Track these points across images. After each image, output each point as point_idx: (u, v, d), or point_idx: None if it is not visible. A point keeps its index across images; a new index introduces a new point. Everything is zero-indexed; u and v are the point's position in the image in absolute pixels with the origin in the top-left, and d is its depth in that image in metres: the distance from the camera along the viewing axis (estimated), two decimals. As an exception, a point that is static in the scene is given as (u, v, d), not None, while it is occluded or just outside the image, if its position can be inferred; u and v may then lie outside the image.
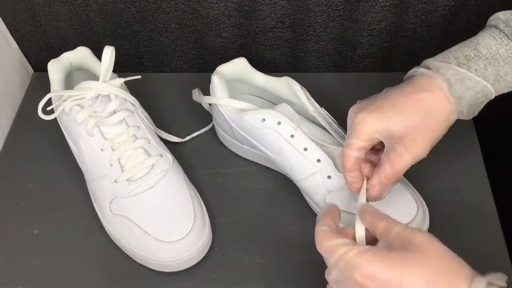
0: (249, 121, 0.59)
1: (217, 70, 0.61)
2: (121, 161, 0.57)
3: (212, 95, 0.62)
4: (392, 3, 0.64)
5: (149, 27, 0.70)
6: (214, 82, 0.61)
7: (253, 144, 0.60)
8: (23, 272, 0.58)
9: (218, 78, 0.60)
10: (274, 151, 0.58)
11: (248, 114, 0.58)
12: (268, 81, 0.62)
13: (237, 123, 0.60)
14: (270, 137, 0.58)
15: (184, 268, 0.56)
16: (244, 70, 0.63)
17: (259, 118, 0.58)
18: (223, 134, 0.65)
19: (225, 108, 0.61)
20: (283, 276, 0.56)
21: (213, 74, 0.61)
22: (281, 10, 0.66)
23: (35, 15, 0.69)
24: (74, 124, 0.58)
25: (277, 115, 0.57)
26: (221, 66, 0.62)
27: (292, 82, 0.60)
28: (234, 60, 0.62)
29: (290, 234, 0.59)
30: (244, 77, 0.63)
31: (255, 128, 0.58)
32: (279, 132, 0.57)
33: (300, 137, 0.57)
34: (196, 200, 0.58)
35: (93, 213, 0.60)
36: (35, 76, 0.77)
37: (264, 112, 0.57)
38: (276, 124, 0.57)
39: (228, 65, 0.62)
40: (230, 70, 0.62)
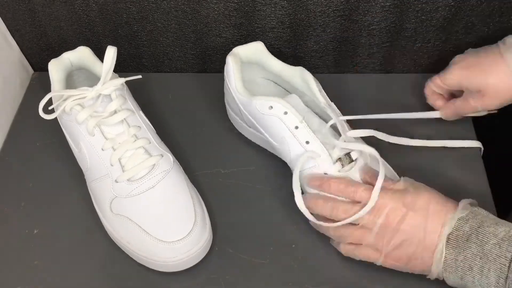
0: (257, 107, 0.59)
1: (233, 51, 0.62)
2: (122, 161, 0.57)
3: (226, 76, 0.62)
4: (392, 3, 0.64)
5: (149, 27, 0.70)
6: (228, 63, 0.61)
7: (258, 129, 0.61)
8: (23, 272, 0.58)
9: (232, 60, 0.61)
10: (277, 139, 0.59)
11: (257, 99, 0.59)
12: (283, 68, 0.63)
13: (245, 106, 0.61)
14: (275, 125, 0.58)
15: (184, 268, 0.56)
16: (260, 54, 0.63)
17: (267, 105, 0.58)
18: (232, 115, 0.66)
19: (236, 90, 0.61)
20: (283, 276, 0.56)
21: (229, 55, 0.61)
22: (281, 10, 0.66)
23: (35, 15, 0.69)
24: (74, 123, 0.58)
25: (285, 105, 0.57)
26: (237, 48, 0.62)
27: (306, 73, 0.61)
28: (251, 43, 0.63)
29: (290, 234, 0.59)
30: (260, 61, 0.64)
31: (262, 114, 0.59)
32: (285, 122, 0.57)
33: (304, 129, 0.57)
34: (197, 200, 0.58)
35: (93, 213, 0.60)
36: (35, 76, 0.77)
37: (273, 100, 0.58)
38: (283, 114, 0.57)
39: (244, 47, 0.62)
40: (247, 52, 0.62)
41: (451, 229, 0.49)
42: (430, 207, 0.51)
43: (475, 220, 0.49)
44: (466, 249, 0.48)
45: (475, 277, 0.47)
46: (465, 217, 0.49)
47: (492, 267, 0.46)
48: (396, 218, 0.51)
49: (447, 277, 0.50)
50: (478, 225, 0.48)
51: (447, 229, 0.49)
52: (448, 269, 0.49)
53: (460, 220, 0.49)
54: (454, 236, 0.49)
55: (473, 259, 0.47)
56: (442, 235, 0.49)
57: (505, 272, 0.45)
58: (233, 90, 0.61)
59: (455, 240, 0.48)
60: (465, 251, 0.48)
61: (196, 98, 0.72)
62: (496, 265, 0.46)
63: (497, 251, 0.46)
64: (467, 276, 0.48)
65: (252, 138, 0.66)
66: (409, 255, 0.51)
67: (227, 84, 0.63)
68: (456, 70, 0.60)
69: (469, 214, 0.49)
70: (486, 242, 0.47)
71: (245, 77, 0.63)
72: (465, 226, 0.49)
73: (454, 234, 0.49)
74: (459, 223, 0.49)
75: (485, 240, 0.47)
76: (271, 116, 0.58)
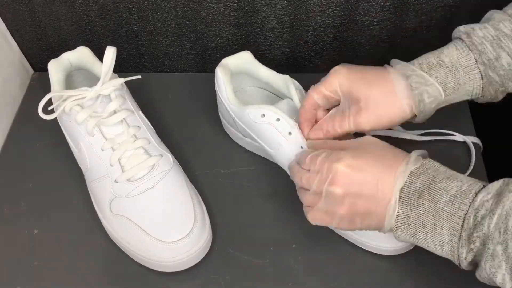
0: (249, 115, 0.59)
1: (221, 63, 0.62)
2: (122, 161, 0.57)
3: (217, 88, 0.62)
4: (392, 3, 0.64)
5: (149, 27, 0.70)
6: (218, 75, 0.61)
7: (253, 137, 0.61)
8: (23, 272, 0.58)
9: (222, 71, 0.61)
10: (272, 146, 0.59)
11: (249, 108, 0.59)
12: (272, 75, 0.63)
13: (238, 116, 0.61)
14: (269, 133, 0.58)
15: (184, 268, 0.56)
16: (248, 63, 0.63)
17: (259, 113, 0.58)
18: (227, 125, 0.66)
19: (228, 100, 0.61)
20: (283, 276, 0.56)
21: (218, 67, 0.61)
22: (281, 10, 0.66)
23: (35, 15, 0.69)
24: (74, 124, 0.58)
25: (276, 112, 0.57)
26: (226, 59, 0.62)
27: (289, 81, 0.60)
28: (239, 54, 0.63)
29: (290, 234, 0.59)
30: (248, 70, 0.64)
31: (255, 122, 0.59)
32: (278, 129, 0.57)
33: (298, 135, 0.57)
34: (196, 200, 0.58)
35: (93, 213, 0.60)
36: (35, 76, 0.77)
37: (264, 108, 0.58)
38: (275, 121, 0.57)
39: (232, 58, 0.62)
40: (235, 63, 0.62)
41: (403, 183, 0.47)
42: (381, 162, 0.49)
43: (426, 175, 0.47)
44: (418, 206, 0.47)
45: (428, 234, 0.46)
46: (416, 171, 0.47)
47: (445, 225, 0.45)
48: (345, 182, 0.49)
49: (398, 235, 0.49)
50: (430, 181, 0.47)
51: (399, 184, 0.47)
52: (400, 227, 0.48)
53: (411, 175, 0.47)
54: (406, 192, 0.47)
55: (425, 216, 0.46)
56: (395, 190, 0.47)
57: (458, 230, 0.45)
58: (225, 100, 0.61)
59: (407, 196, 0.47)
60: (417, 208, 0.47)
61: (196, 98, 0.72)
62: (449, 223, 0.45)
63: (449, 208, 0.45)
64: (419, 233, 0.47)
65: (249, 147, 0.66)
66: (362, 215, 0.49)
67: (219, 96, 0.63)
68: (341, 76, 0.54)
69: (420, 168, 0.48)
70: (438, 199, 0.46)
71: (236, 87, 0.63)
72: (417, 182, 0.47)
73: (406, 190, 0.47)
74: (411, 179, 0.47)
75: (437, 197, 0.46)
76: (264, 124, 0.58)
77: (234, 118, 0.62)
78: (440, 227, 0.46)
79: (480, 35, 0.52)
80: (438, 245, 0.47)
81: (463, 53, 0.52)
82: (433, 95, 0.52)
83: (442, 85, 0.52)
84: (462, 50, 0.52)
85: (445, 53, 0.53)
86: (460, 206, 0.45)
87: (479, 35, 0.52)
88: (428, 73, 0.52)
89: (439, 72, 0.52)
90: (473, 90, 0.53)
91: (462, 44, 0.53)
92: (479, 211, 0.44)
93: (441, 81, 0.52)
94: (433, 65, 0.53)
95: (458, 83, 0.52)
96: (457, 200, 0.45)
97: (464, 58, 0.52)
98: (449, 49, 0.53)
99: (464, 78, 0.52)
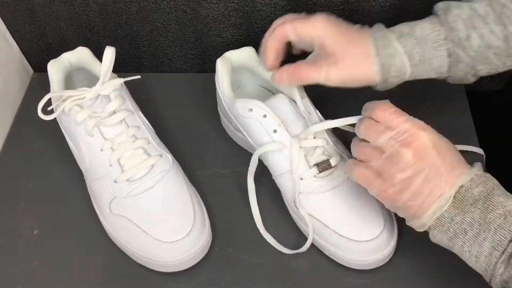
0: (238, 109, 0.59)
1: (224, 55, 0.62)
2: (121, 161, 0.57)
3: (216, 79, 0.62)
4: (392, 3, 0.64)
5: (149, 27, 0.70)
6: (218, 67, 0.61)
7: (242, 131, 0.61)
8: (23, 272, 0.58)
9: (222, 63, 0.61)
10: (257, 142, 0.59)
11: (238, 101, 0.59)
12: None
13: (230, 109, 0.61)
14: (255, 128, 0.58)
15: (184, 268, 0.56)
16: (250, 59, 0.63)
17: (247, 107, 0.58)
18: (223, 120, 0.66)
19: (224, 93, 0.61)
20: (283, 276, 0.56)
21: (219, 59, 0.61)
22: (281, 10, 0.66)
23: (35, 15, 0.69)
24: (74, 124, 0.58)
25: (263, 108, 0.57)
26: (229, 52, 0.62)
27: None
28: (243, 48, 0.63)
29: (290, 234, 0.59)
30: (250, 66, 0.63)
31: (243, 117, 0.59)
32: (263, 125, 0.57)
33: (282, 133, 0.57)
34: (196, 200, 0.58)
35: (93, 213, 0.60)
36: (35, 77, 0.77)
37: (252, 103, 0.58)
38: (262, 117, 0.57)
39: (235, 52, 0.62)
40: (237, 57, 0.62)
41: (463, 183, 0.46)
42: (453, 156, 0.47)
43: (486, 185, 0.46)
44: (467, 212, 0.45)
45: (466, 242, 0.45)
46: (478, 179, 0.46)
47: (489, 237, 0.44)
48: (419, 152, 0.46)
49: (434, 234, 0.47)
50: (488, 192, 0.45)
51: (460, 182, 0.46)
52: (439, 227, 0.47)
53: (472, 181, 0.46)
54: (461, 195, 0.46)
55: (471, 224, 0.45)
56: (455, 186, 0.46)
57: (503, 245, 0.43)
58: (221, 92, 0.61)
59: (461, 200, 0.46)
60: (465, 214, 0.45)
61: (196, 98, 0.72)
62: (495, 236, 0.44)
63: (501, 221, 0.44)
64: (457, 239, 0.46)
65: (240, 142, 0.66)
66: (411, 194, 0.46)
67: (218, 90, 0.63)
68: (324, 21, 0.54)
69: (481, 177, 0.46)
70: (492, 210, 0.44)
71: (237, 83, 0.63)
72: (475, 190, 0.46)
73: (462, 193, 0.46)
74: (470, 184, 0.46)
75: (490, 208, 0.45)
76: (251, 119, 0.58)
77: (228, 111, 0.62)
78: (483, 238, 0.44)
79: (455, 13, 0.52)
80: (474, 255, 0.45)
81: (434, 28, 0.53)
82: (400, 72, 0.53)
83: (408, 54, 0.52)
84: (435, 25, 0.53)
85: (419, 25, 0.53)
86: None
87: (454, 13, 0.52)
88: (398, 40, 0.53)
89: (408, 42, 0.53)
90: (440, 68, 0.53)
91: (436, 20, 0.53)
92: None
93: (407, 51, 0.52)
94: (404, 34, 0.53)
95: (424, 56, 0.53)
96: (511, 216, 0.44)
97: (434, 33, 0.52)
98: (424, 23, 0.54)
99: (431, 53, 0.52)
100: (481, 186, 0.46)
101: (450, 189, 0.46)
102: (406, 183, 0.46)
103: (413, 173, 0.46)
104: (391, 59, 0.53)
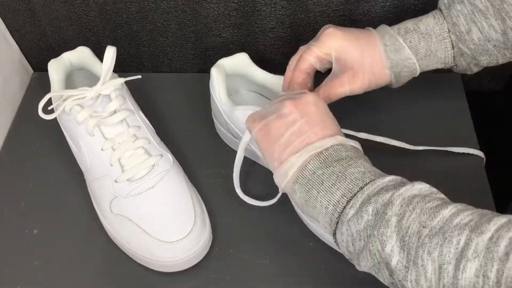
0: (239, 117, 0.59)
1: (218, 63, 0.62)
2: (122, 161, 0.57)
3: (211, 87, 0.62)
4: (392, 3, 0.64)
5: (149, 27, 0.70)
6: (212, 75, 0.61)
7: None
8: (23, 272, 0.58)
9: (217, 71, 0.61)
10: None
11: (238, 109, 0.59)
12: (268, 78, 0.63)
13: (229, 116, 0.61)
14: None
15: (184, 268, 0.56)
16: (244, 65, 0.63)
17: (248, 114, 0.58)
18: (219, 127, 0.66)
19: (220, 101, 0.61)
20: (283, 276, 0.56)
21: (213, 67, 0.61)
22: (281, 10, 0.66)
23: (35, 15, 0.69)
24: (74, 124, 0.58)
25: None
26: (222, 60, 0.62)
27: None
28: (236, 55, 0.63)
29: (290, 234, 0.59)
30: (244, 72, 0.63)
31: (244, 123, 0.58)
32: None
33: None
34: (196, 200, 0.58)
35: (93, 213, 0.60)
36: (35, 76, 0.77)
37: (254, 110, 0.57)
38: None
39: (229, 59, 0.62)
40: (231, 64, 0.62)
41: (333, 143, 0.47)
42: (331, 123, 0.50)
43: (356, 153, 0.48)
44: (330, 167, 0.46)
45: (321, 192, 0.46)
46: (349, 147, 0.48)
47: (342, 186, 0.45)
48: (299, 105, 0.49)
49: (295, 189, 0.48)
50: (355, 156, 0.47)
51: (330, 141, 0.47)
52: (300, 179, 0.47)
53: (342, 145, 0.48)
54: (328, 153, 0.47)
55: (329, 176, 0.46)
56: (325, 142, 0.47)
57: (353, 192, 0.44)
58: (218, 100, 0.61)
59: (326, 157, 0.47)
60: (327, 168, 0.46)
61: (196, 98, 0.72)
62: (347, 185, 0.45)
63: (358, 175, 0.45)
64: (314, 189, 0.46)
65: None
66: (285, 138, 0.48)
67: (212, 97, 0.63)
68: (336, 41, 0.55)
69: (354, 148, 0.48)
70: (354, 167, 0.46)
71: (231, 89, 0.63)
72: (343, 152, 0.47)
73: (329, 151, 0.47)
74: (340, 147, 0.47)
75: (353, 166, 0.46)
76: None
77: (226, 119, 0.62)
78: (337, 188, 0.45)
79: (458, 8, 0.55)
80: (324, 206, 0.46)
81: (438, 22, 0.56)
82: (409, 69, 0.57)
83: (414, 50, 0.56)
84: (438, 20, 0.56)
85: (423, 21, 0.57)
86: (369, 176, 0.45)
87: (457, 8, 0.55)
88: (404, 37, 0.56)
89: (413, 37, 0.56)
90: (445, 58, 0.57)
91: (440, 15, 0.56)
92: (387, 183, 0.44)
93: (413, 46, 0.56)
94: (409, 30, 0.56)
95: (430, 49, 0.56)
96: (371, 173, 0.45)
97: (438, 27, 0.56)
98: (428, 18, 0.57)
99: (436, 46, 0.56)
100: (350, 152, 0.48)
101: (319, 143, 0.47)
102: (281, 127, 0.49)
103: (290, 121, 0.49)
104: (399, 59, 0.56)
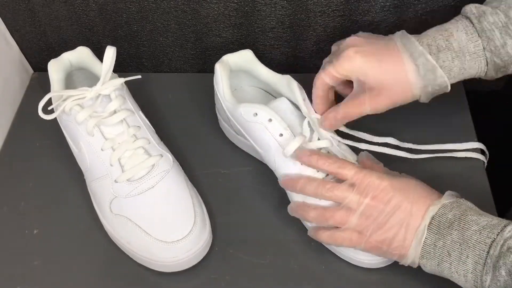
0: (242, 113, 0.59)
1: (222, 59, 0.62)
2: (122, 161, 0.57)
3: (215, 84, 0.62)
4: (392, 3, 0.64)
5: (149, 27, 0.70)
6: (216, 71, 0.61)
7: (245, 136, 0.61)
8: (23, 272, 0.58)
9: (221, 67, 0.61)
10: (262, 147, 0.59)
11: (242, 106, 0.59)
12: (272, 76, 0.63)
13: (232, 113, 0.61)
14: (260, 133, 0.58)
15: (184, 269, 0.56)
16: (249, 62, 0.63)
17: (252, 112, 0.58)
18: (222, 123, 0.66)
19: (224, 97, 0.61)
20: (283, 276, 0.56)
21: (217, 63, 0.61)
22: (281, 10, 0.66)
23: (35, 15, 0.69)
24: (74, 124, 0.58)
25: (269, 112, 0.57)
26: (227, 56, 0.62)
27: (292, 82, 0.60)
28: (240, 52, 0.63)
29: (290, 234, 0.59)
30: (248, 69, 0.63)
31: (247, 121, 0.59)
32: (269, 129, 0.57)
33: (289, 137, 0.56)
34: (196, 200, 0.58)
35: (93, 213, 0.60)
36: (35, 76, 0.77)
37: (257, 107, 0.58)
38: (267, 121, 0.57)
39: (233, 56, 0.62)
40: (235, 60, 0.62)
41: (435, 212, 0.49)
42: (417, 192, 0.51)
43: (459, 209, 0.49)
44: (446, 235, 0.48)
45: (452, 263, 0.47)
46: (450, 205, 0.49)
47: (470, 254, 0.46)
48: (384, 198, 0.50)
49: (424, 263, 0.49)
50: (461, 214, 0.48)
51: (431, 212, 0.49)
52: (426, 255, 0.49)
53: (444, 207, 0.49)
54: (436, 222, 0.48)
55: (452, 245, 0.47)
56: (426, 217, 0.49)
57: (483, 258, 0.45)
58: (221, 97, 0.61)
59: (437, 226, 0.48)
60: (445, 237, 0.48)
61: (196, 98, 0.72)
62: (475, 251, 0.46)
63: (477, 237, 0.46)
64: (444, 262, 0.48)
65: (242, 146, 0.65)
66: (391, 237, 0.50)
67: (216, 93, 0.63)
68: (355, 58, 0.53)
69: (454, 203, 0.49)
70: (467, 228, 0.47)
71: (235, 85, 0.63)
72: (449, 214, 0.48)
73: (436, 220, 0.48)
74: (443, 210, 0.49)
75: (466, 227, 0.47)
76: (256, 123, 0.58)
77: (229, 115, 0.62)
78: (466, 256, 0.46)
79: (491, 20, 0.52)
80: (462, 275, 0.47)
81: (472, 39, 0.52)
82: (441, 86, 0.54)
83: (447, 69, 0.53)
84: (472, 36, 0.52)
85: (455, 36, 0.53)
86: (488, 235, 0.46)
87: (490, 20, 0.52)
88: (436, 56, 0.52)
89: (447, 57, 0.52)
90: (476, 74, 0.54)
91: (472, 29, 0.52)
92: (507, 240, 0.44)
93: (447, 65, 0.53)
94: (442, 48, 0.53)
95: (463, 67, 0.53)
96: (486, 230, 0.46)
97: (472, 44, 0.52)
98: (459, 33, 0.53)
99: (470, 64, 0.53)
100: (454, 210, 0.49)
101: (423, 221, 0.49)
102: (383, 231, 0.50)
103: (388, 220, 0.50)
104: (431, 79, 0.53)
